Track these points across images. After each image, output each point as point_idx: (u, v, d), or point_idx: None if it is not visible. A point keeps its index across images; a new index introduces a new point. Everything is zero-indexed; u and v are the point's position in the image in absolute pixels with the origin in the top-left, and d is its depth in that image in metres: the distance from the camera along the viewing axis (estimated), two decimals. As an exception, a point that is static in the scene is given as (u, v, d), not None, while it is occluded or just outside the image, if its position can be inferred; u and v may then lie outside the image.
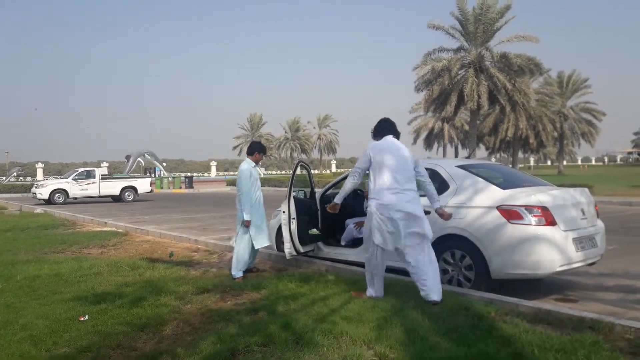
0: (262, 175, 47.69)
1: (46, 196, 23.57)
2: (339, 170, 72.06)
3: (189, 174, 52.06)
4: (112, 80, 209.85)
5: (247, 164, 6.80)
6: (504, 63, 31.73)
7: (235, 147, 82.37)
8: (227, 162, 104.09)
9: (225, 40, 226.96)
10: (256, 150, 6.98)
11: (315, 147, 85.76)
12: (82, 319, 4.68)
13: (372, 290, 5.17)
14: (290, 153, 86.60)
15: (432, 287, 4.79)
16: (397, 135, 5.31)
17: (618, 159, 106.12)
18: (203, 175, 62.35)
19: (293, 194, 6.75)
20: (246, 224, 6.65)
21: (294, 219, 6.67)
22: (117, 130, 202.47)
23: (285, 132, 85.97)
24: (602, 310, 4.81)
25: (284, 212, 6.67)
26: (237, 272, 6.52)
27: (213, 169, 67.62)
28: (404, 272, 6.05)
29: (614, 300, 5.40)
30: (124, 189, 24.98)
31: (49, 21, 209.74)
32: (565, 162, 61.56)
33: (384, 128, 5.31)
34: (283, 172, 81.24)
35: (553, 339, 3.69)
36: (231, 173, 71.70)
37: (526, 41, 32.34)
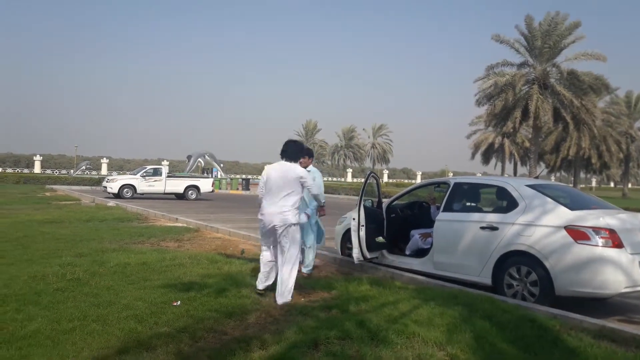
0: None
1: (116, 190, 24.95)
2: (391, 181, 71.86)
3: (245, 176, 53.43)
4: (172, 81, 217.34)
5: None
6: (570, 81, 31.05)
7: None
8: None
9: (288, 46, 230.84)
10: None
11: (369, 156, 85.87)
12: (175, 304, 5.21)
13: None
14: (343, 161, 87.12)
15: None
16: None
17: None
18: (258, 178, 63.70)
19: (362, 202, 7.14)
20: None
21: (363, 226, 7.06)
22: (175, 130, 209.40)
23: (340, 139, 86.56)
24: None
25: (354, 219, 7.08)
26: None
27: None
28: (467, 284, 6.33)
29: (679, 326, 5.47)
30: (187, 188, 26.09)
31: (119, 16, 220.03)
32: (630, 185, 58.99)
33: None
34: (334, 179, 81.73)
35: (618, 354, 3.91)
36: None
37: (594, 59, 31.58)
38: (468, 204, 7.15)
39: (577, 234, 5.54)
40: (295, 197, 5.61)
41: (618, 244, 5.44)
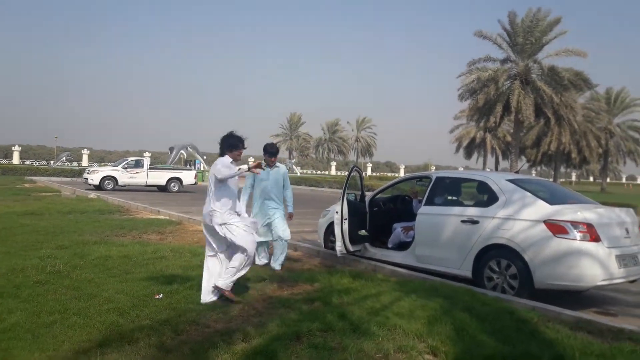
0: (298, 174, 48.27)
1: (97, 182, 24.65)
2: (374, 174, 72.14)
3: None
4: (154, 72, 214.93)
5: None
6: (551, 77, 31.47)
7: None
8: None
9: (270, 38, 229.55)
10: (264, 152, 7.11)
11: (353, 149, 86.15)
12: (157, 296, 5.19)
13: None
14: (327, 154, 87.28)
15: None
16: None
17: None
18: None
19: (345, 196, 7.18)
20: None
21: (346, 219, 7.10)
22: (157, 121, 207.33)
23: (324, 132, 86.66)
24: (641, 325, 5.06)
25: (337, 212, 7.12)
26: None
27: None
28: (448, 277, 6.42)
29: (653, 317, 5.62)
30: (170, 180, 25.90)
31: (100, 6, 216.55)
32: (608, 180, 60.08)
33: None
34: (318, 172, 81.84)
35: (594, 345, 4.01)
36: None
37: (575, 55, 32.09)
38: (449, 197, 7.24)
39: (556, 227, 5.64)
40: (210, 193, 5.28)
41: (595, 238, 5.56)
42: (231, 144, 5.34)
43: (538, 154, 47.59)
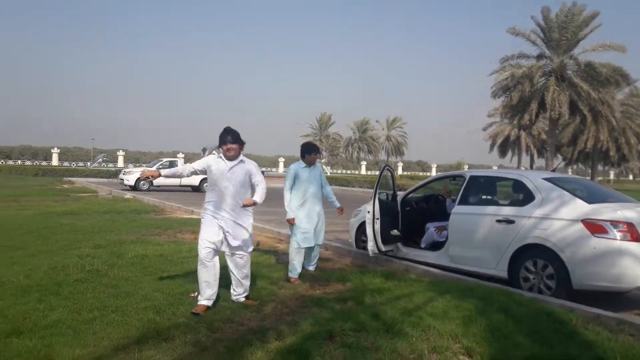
0: (328, 174, 48.27)
1: (132, 183, 25.22)
2: (405, 173, 71.55)
3: (261, 170, 53.41)
4: (187, 74, 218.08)
5: (298, 164, 6.73)
6: (587, 73, 30.60)
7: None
8: (294, 159, 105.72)
9: (302, 40, 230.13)
10: (305, 152, 6.68)
11: (383, 148, 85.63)
12: (192, 295, 5.27)
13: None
14: (357, 153, 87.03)
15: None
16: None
17: None
18: (272, 171, 63.99)
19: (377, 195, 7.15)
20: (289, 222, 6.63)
21: (377, 219, 7.07)
22: (190, 122, 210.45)
23: (353, 132, 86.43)
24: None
25: (368, 212, 7.09)
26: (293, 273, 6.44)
27: (281, 164, 69.21)
28: (483, 277, 6.32)
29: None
30: (203, 180, 26.25)
31: (133, 8, 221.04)
32: (649, 178, 58.08)
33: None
34: (348, 171, 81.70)
35: (635, 348, 3.88)
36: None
37: (613, 50, 31.09)
38: (484, 197, 7.12)
39: (594, 227, 5.49)
40: None
41: (636, 238, 5.38)
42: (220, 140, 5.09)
43: (574, 152, 46.35)
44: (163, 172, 5.31)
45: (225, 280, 5.73)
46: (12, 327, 4.10)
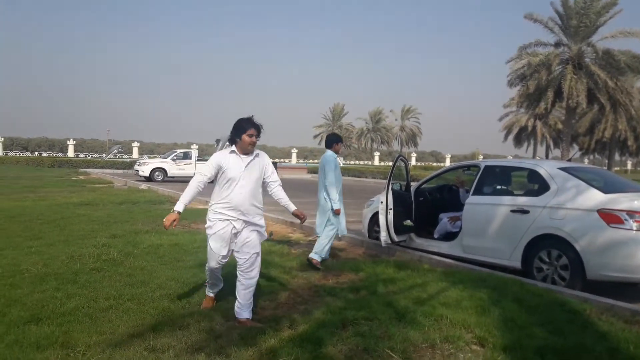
0: (342, 165, 48.29)
1: (147, 174, 25.43)
2: (419, 164, 71.23)
3: (273, 160, 53.58)
4: (201, 66, 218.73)
5: (334, 155, 6.69)
6: (606, 60, 30.04)
7: (316, 136, 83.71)
8: (306, 150, 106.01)
9: (316, 31, 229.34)
10: (334, 141, 6.82)
11: (397, 138, 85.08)
12: (207, 283, 5.32)
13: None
14: (371, 144, 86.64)
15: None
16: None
17: None
18: (284, 162, 64.15)
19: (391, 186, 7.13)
20: (337, 212, 6.61)
21: (390, 209, 7.06)
22: (204, 113, 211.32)
23: (366, 122, 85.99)
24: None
25: (382, 202, 7.08)
26: (319, 256, 6.51)
27: (294, 155, 69.28)
28: (497, 267, 6.30)
29: None
30: (216, 170, 26.40)
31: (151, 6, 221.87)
32: (668, 168, 57.14)
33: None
34: (361, 162, 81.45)
35: (650, 339, 3.85)
36: (311, 161, 73.02)
37: (633, 37, 30.45)
38: (499, 187, 7.07)
39: (610, 217, 5.44)
40: None
41: (653, 228, 5.32)
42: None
43: (591, 142, 45.71)
44: (180, 206, 4.53)
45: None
46: (31, 314, 4.19)
